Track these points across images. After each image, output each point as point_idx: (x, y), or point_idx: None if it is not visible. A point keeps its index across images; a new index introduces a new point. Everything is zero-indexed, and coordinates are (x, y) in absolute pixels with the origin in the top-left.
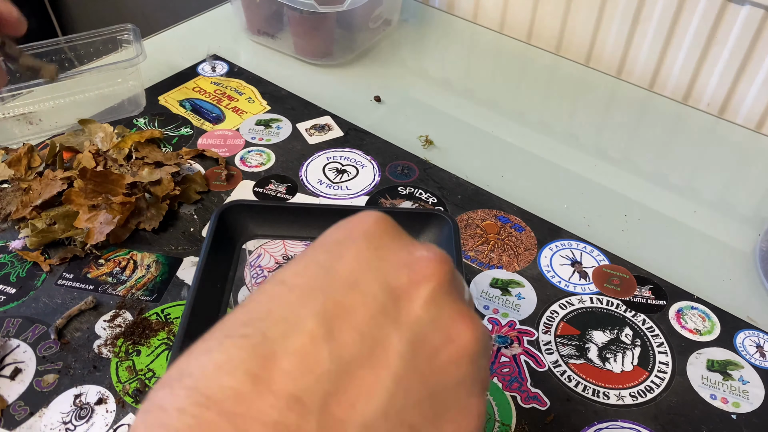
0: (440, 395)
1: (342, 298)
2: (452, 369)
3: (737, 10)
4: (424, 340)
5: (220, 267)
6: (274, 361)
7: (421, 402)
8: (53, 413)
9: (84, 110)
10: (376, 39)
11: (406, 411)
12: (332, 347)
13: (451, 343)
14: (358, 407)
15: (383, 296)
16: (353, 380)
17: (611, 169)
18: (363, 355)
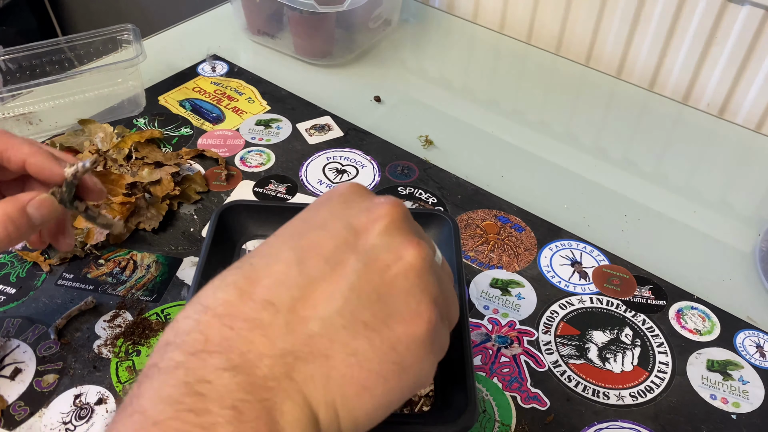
0: (390, 300)
1: (313, 237)
2: (400, 280)
3: (737, 10)
4: (376, 259)
5: (220, 267)
6: (258, 280)
7: (373, 304)
8: (53, 413)
9: (84, 110)
10: (376, 39)
11: (359, 311)
12: (301, 269)
13: (399, 260)
14: (318, 308)
15: (346, 232)
16: (316, 290)
17: (611, 169)
18: (325, 273)
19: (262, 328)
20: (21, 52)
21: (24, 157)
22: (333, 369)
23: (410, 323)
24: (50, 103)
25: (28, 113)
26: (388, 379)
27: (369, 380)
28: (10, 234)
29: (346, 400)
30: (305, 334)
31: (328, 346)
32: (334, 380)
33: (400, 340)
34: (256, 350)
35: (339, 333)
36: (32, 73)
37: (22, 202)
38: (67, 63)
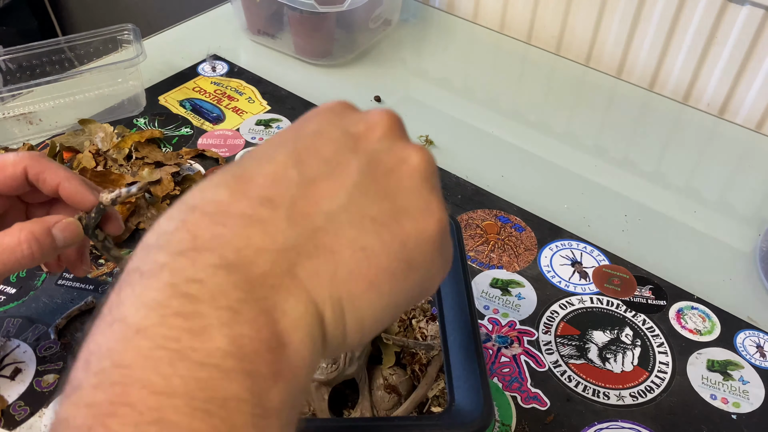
0: (398, 198)
1: (309, 142)
2: (406, 180)
3: (737, 10)
4: (379, 161)
5: None
6: (250, 180)
7: (380, 201)
8: (53, 413)
9: (84, 110)
10: (376, 39)
11: (366, 207)
12: (299, 169)
13: (403, 163)
14: (322, 204)
15: (344, 137)
16: (318, 188)
17: (611, 169)
18: (326, 173)
19: (260, 223)
20: (21, 52)
21: (59, 181)
22: (340, 264)
23: (420, 220)
24: (50, 103)
25: (28, 113)
26: (396, 277)
27: (377, 276)
28: (34, 252)
29: (353, 297)
30: (309, 228)
31: (333, 241)
32: (340, 276)
33: (410, 236)
34: (254, 246)
35: (345, 228)
36: (32, 73)
37: (48, 223)
38: (67, 63)
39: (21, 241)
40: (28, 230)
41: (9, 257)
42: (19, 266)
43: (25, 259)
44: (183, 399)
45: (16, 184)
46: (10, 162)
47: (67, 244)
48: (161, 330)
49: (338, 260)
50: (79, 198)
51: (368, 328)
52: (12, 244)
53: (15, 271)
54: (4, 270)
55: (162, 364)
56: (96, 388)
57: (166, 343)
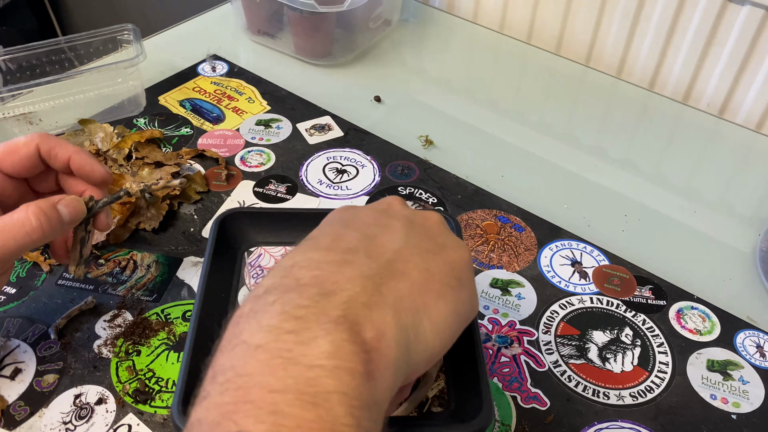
0: (436, 238)
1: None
2: (435, 228)
3: (737, 10)
4: (412, 220)
5: (222, 276)
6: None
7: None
8: (53, 413)
9: (84, 110)
10: (376, 39)
11: (419, 244)
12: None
13: (427, 219)
14: (388, 245)
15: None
16: (379, 239)
17: (611, 169)
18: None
19: (348, 263)
20: (21, 52)
21: (70, 154)
22: (413, 282)
23: (458, 250)
24: (50, 103)
25: (28, 113)
26: (454, 289)
27: (442, 289)
28: (42, 225)
29: (427, 306)
30: (385, 260)
31: (405, 267)
32: (415, 290)
33: (455, 261)
34: (346, 276)
35: (410, 257)
36: (32, 73)
37: (53, 200)
38: (67, 63)
39: (29, 215)
40: (35, 205)
41: (19, 231)
42: (30, 240)
43: (35, 232)
44: (295, 394)
45: (30, 163)
46: (22, 143)
47: (72, 220)
48: (277, 344)
49: (411, 279)
50: (89, 168)
51: (444, 331)
52: (21, 218)
53: (27, 248)
54: (16, 246)
55: (278, 369)
56: (222, 394)
57: (281, 354)
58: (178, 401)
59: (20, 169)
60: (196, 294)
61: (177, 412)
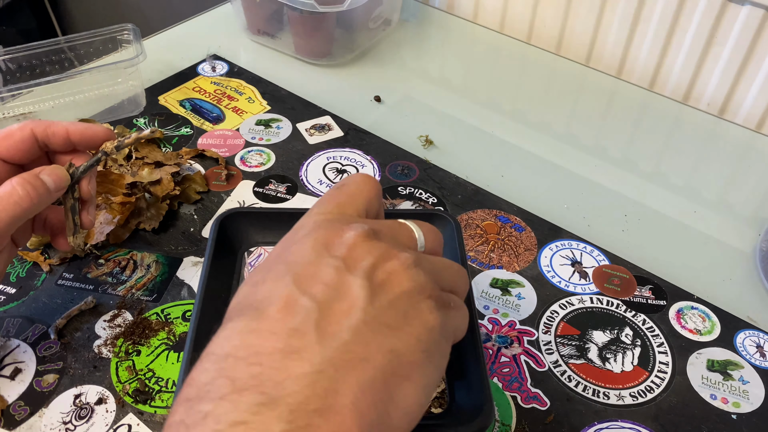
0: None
1: (304, 271)
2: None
3: (737, 10)
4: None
5: (222, 276)
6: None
7: (388, 310)
8: (53, 413)
9: (84, 110)
10: (376, 39)
11: (380, 316)
12: (309, 297)
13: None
14: (343, 322)
15: (333, 261)
16: (333, 310)
17: (611, 169)
18: (334, 296)
19: (294, 353)
20: (21, 52)
21: (66, 127)
22: (375, 370)
23: (421, 318)
24: (50, 103)
25: (28, 113)
26: (422, 366)
27: (408, 371)
28: (29, 193)
29: (393, 396)
30: (340, 342)
31: (364, 350)
32: (378, 380)
33: (420, 332)
34: (293, 374)
35: (370, 337)
36: (32, 73)
37: (35, 171)
38: (67, 63)
39: (14, 185)
40: (18, 177)
41: (8, 201)
42: (20, 209)
43: (23, 200)
44: None
45: (26, 147)
46: (16, 128)
47: (57, 187)
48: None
49: (372, 367)
50: (90, 132)
51: (414, 413)
52: (8, 190)
53: (18, 218)
54: (8, 217)
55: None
56: None
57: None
58: None
59: (15, 152)
60: (196, 294)
61: None
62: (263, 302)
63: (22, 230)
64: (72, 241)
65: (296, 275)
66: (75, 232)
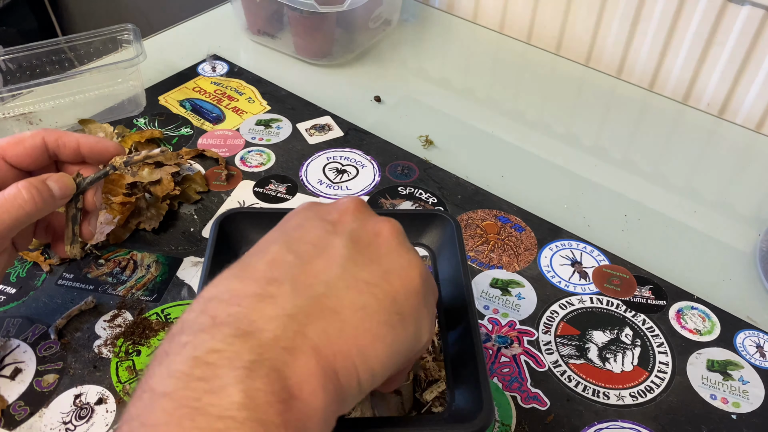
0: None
1: (295, 234)
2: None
3: (737, 10)
4: (358, 237)
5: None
6: (254, 268)
7: (367, 266)
8: (53, 413)
9: (84, 110)
10: (376, 39)
11: (358, 272)
12: (293, 254)
13: (378, 235)
14: (320, 275)
15: (323, 224)
16: (313, 265)
17: (611, 169)
18: (317, 253)
19: (270, 297)
20: (21, 52)
21: (77, 139)
22: (345, 323)
23: (404, 276)
24: (50, 103)
25: (28, 113)
26: (395, 327)
27: (379, 329)
28: (34, 197)
29: (362, 350)
30: (313, 295)
31: (336, 303)
32: (347, 332)
33: (399, 291)
34: (266, 315)
35: (344, 292)
36: (32, 73)
37: (42, 177)
38: (67, 63)
39: (20, 189)
40: (25, 181)
41: (12, 204)
42: (24, 213)
43: (27, 204)
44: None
45: (36, 154)
46: (27, 135)
47: (62, 195)
48: (184, 393)
49: (343, 319)
50: (101, 146)
51: (378, 374)
52: (13, 192)
53: (21, 222)
54: (11, 220)
55: (184, 420)
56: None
57: (188, 402)
58: None
59: (25, 159)
60: (197, 294)
61: None
62: (252, 257)
63: (23, 234)
64: (69, 251)
65: (286, 235)
66: (73, 242)
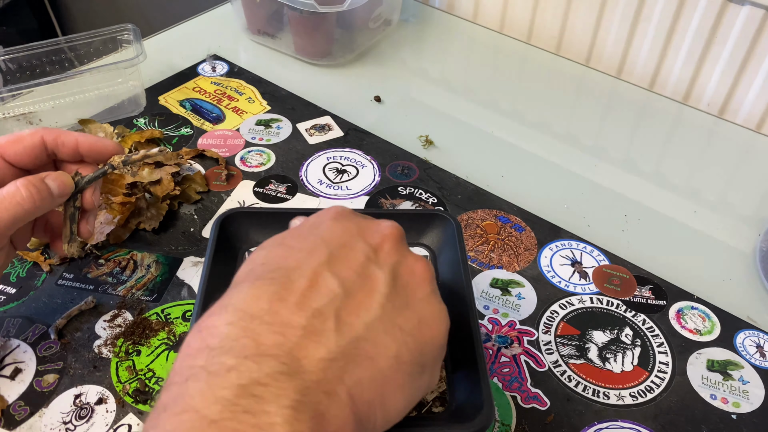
0: (416, 306)
1: (338, 252)
2: (419, 291)
3: (737, 10)
4: (398, 273)
5: (223, 276)
6: (299, 292)
7: (404, 310)
8: (53, 413)
9: (84, 110)
10: (376, 39)
11: (395, 317)
12: (338, 280)
13: (413, 274)
14: (361, 314)
15: (366, 249)
16: (355, 299)
17: (611, 169)
18: (359, 284)
19: (314, 334)
20: (21, 52)
21: (76, 137)
22: (377, 371)
23: (434, 328)
24: (50, 103)
25: (28, 113)
26: (415, 378)
27: (404, 380)
28: (33, 195)
29: (385, 399)
30: (353, 337)
31: (372, 350)
32: (377, 381)
33: (427, 343)
34: (311, 355)
35: (381, 337)
36: (32, 73)
37: (40, 175)
38: (67, 63)
39: (18, 187)
40: (23, 179)
41: (10, 202)
42: (22, 211)
43: (25, 202)
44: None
45: (35, 153)
46: (26, 133)
47: (61, 193)
48: (232, 423)
49: (377, 367)
50: (100, 145)
51: (392, 421)
52: (11, 190)
53: (19, 219)
54: (9, 217)
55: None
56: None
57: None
58: None
59: (23, 157)
60: (197, 294)
61: None
62: (295, 271)
63: (21, 232)
64: (66, 249)
65: (330, 253)
66: (71, 240)
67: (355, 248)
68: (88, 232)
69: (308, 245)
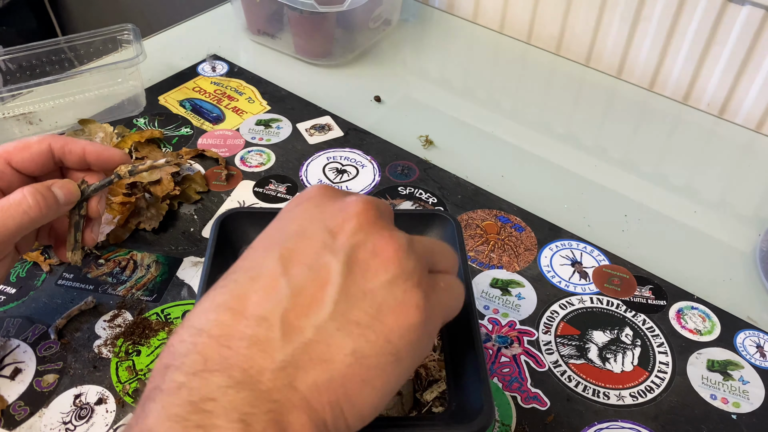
0: (376, 294)
1: (293, 245)
2: (382, 274)
3: (737, 10)
4: (355, 258)
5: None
6: (246, 297)
7: (361, 302)
8: (53, 413)
9: (84, 110)
10: (376, 39)
11: (349, 312)
12: (287, 279)
13: (376, 256)
14: (311, 316)
15: (323, 235)
16: (304, 297)
17: (611, 169)
18: (311, 279)
19: (259, 344)
20: (21, 52)
21: (83, 146)
22: (334, 371)
23: (400, 312)
24: (50, 103)
25: (28, 113)
26: (386, 370)
27: (369, 375)
28: (39, 203)
29: (350, 397)
30: (302, 342)
31: (325, 351)
32: (335, 381)
33: (393, 330)
34: (257, 366)
35: (334, 336)
36: (32, 73)
37: (47, 183)
38: (67, 63)
39: (25, 194)
40: (30, 186)
41: (17, 210)
42: (28, 219)
43: (32, 210)
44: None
45: (42, 160)
46: (34, 140)
47: (67, 201)
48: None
49: (332, 368)
50: (107, 154)
51: (368, 415)
52: (18, 198)
53: (25, 227)
54: (15, 225)
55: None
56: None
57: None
58: None
59: (30, 164)
60: (197, 294)
61: None
62: (247, 273)
63: (26, 238)
64: (70, 257)
65: (284, 249)
66: (74, 248)
67: (312, 236)
68: (92, 240)
69: (266, 241)
